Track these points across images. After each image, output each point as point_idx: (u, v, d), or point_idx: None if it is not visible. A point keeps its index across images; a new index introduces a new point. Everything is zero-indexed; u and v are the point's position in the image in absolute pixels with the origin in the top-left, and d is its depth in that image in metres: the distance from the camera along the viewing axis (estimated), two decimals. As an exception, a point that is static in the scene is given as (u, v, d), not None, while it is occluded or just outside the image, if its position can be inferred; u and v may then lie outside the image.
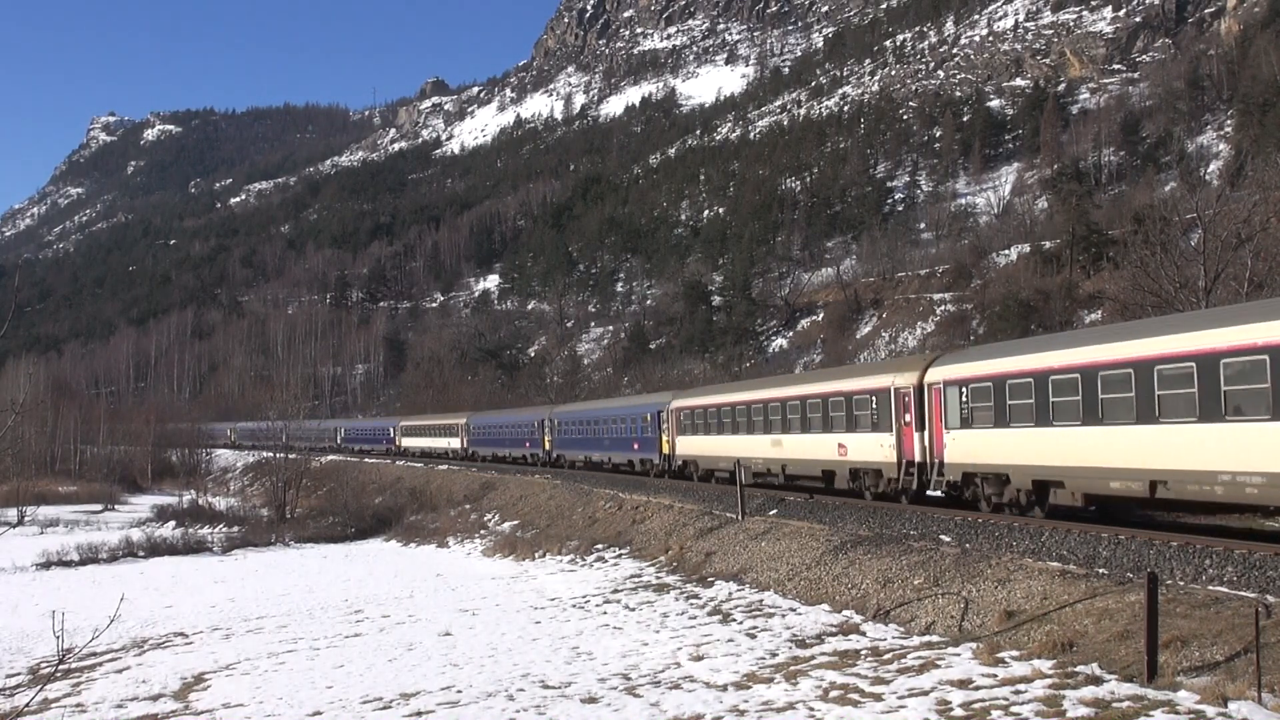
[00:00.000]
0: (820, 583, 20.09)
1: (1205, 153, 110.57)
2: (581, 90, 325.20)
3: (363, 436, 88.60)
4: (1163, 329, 17.71)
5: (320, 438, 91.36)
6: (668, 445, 40.08)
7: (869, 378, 26.63)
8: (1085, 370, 18.56)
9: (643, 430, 42.78)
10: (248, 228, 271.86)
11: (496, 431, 63.01)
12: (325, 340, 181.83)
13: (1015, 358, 21.11)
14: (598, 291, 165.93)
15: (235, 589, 33.67)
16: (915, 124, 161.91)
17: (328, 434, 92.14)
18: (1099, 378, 18.20)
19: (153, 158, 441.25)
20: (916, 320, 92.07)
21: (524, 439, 57.58)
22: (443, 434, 70.81)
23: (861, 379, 27.02)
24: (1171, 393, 16.58)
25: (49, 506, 65.75)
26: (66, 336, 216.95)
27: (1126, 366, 17.67)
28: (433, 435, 73.14)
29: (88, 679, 20.83)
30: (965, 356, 23.85)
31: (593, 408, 53.94)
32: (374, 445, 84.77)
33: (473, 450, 65.76)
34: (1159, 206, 50.26)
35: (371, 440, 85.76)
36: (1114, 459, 17.89)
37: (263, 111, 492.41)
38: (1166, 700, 10.98)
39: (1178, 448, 16.51)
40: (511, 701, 14.81)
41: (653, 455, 41.55)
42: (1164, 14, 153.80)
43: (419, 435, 75.96)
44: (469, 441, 66.43)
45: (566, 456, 52.53)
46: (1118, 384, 17.79)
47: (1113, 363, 18.05)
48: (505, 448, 60.89)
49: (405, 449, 77.79)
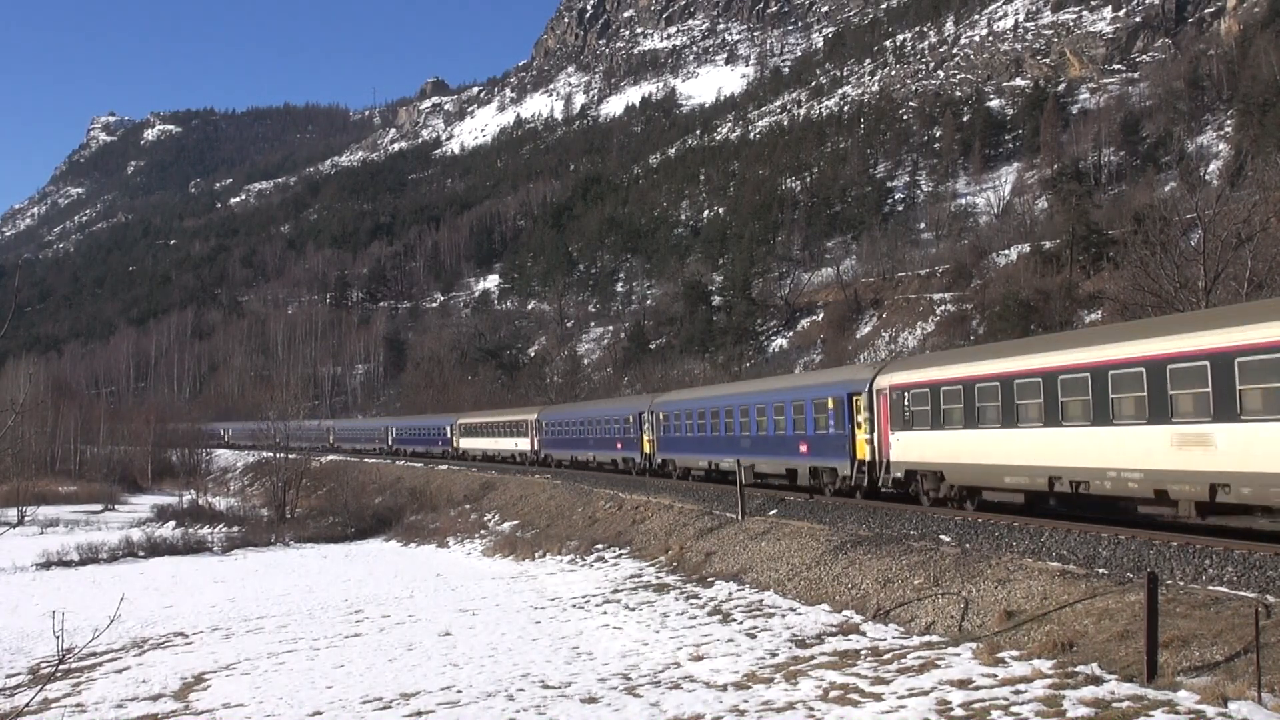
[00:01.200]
0: (820, 583, 20.10)
1: (1205, 153, 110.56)
2: (581, 90, 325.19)
3: (415, 437, 78.63)
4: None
5: (370, 438, 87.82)
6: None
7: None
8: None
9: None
10: (248, 228, 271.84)
11: (578, 429, 51.36)
12: (325, 340, 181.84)
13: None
14: (598, 291, 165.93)
15: (235, 589, 33.67)
16: (915, 124, 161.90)
17: (377, 434, 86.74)
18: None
19: (153, 158, 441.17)
20: (916, 320, 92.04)
21: (614, 437, 45.43)
22: (507, 433, 60.48)
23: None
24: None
25: (49, 506, 65.77)
26: (66, 336, 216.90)
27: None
28: (495, 435, 62.66)
29: (88, 679, 20.82)
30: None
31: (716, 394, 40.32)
32: (428, 447, 74.77)
33: (545, 454, 54.52)
34: (1159, 206, 50.28)
35: (425, 440, 75.87)
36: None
37: (263, 111, 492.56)
38: (1166, 700, 10.98)
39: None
40: (511, 701, 14.81)
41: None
42: (1164, 14, 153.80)
43: (480, 435, 65.49)
44: (541, 442, 55.30)
45: (679, 463, 39.55)
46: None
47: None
48: (588, 450, 49.11)
49: (465, 451, 67.55)
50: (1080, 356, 18.80)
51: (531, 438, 55.57)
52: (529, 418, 56.97)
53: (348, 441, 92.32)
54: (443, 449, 71.13)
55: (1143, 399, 17.22)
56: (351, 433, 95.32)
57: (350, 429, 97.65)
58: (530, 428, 55.89)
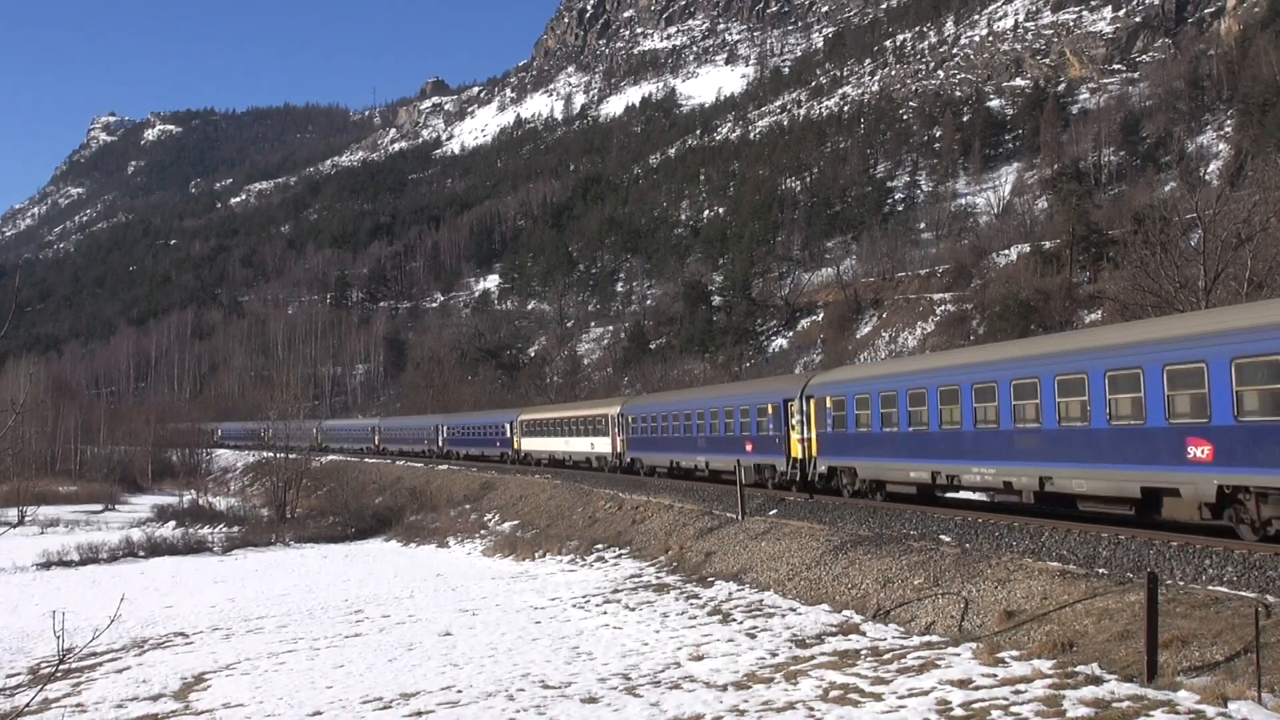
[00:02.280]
0: (820, 583, 20.10)
1: (1205, 153, 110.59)
2: (581, 90, 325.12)
3: (470, 436, 67.87)
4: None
5: (417, 438, 76.44)
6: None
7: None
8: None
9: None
10: (248, 228, 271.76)
11: (682, 426, 37.53)
12: (325, 340, 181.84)
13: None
14: (598, 291, 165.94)
15: (235, 589, 33.67)
16: (915, 124, 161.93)
17: (425, 434, 74.88)
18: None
19: (153, 158, 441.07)
20: (916, 320, 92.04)
21: (741, 438, 32.83)
22: (581, 430, 49.38)
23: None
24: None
25: (49, 506, 65.83)
26: (66, 336, 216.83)
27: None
28: (566, 433, 51.67)
29: (88, 679, 20.83)
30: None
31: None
32: (484, 449, 64.72)
33: (632, 458, 43.00)
34: (1159, 206, 50.30)
35: (482, 441, 65.51)
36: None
37: (263, 111, 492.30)
38: (1166, 700, 10.98)
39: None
40: (511, 701, 14.81)
41: None
42: (1164, 14, 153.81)
43: (546, 433, 54.70)
44: (628, 443, 43.58)
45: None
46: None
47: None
48: (698, 453, 36.11)
49: (528, 454, 57.01)
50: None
51: (613, 437, 45.18)
52: (609, 412, 45.98)
53: (393, 442, 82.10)
54: (501, 451, 60.73)
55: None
56: (397, 432, 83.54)
57: (395, 428, 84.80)
58: (611, 425, 45.51)
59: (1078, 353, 18.84)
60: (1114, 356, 17.69)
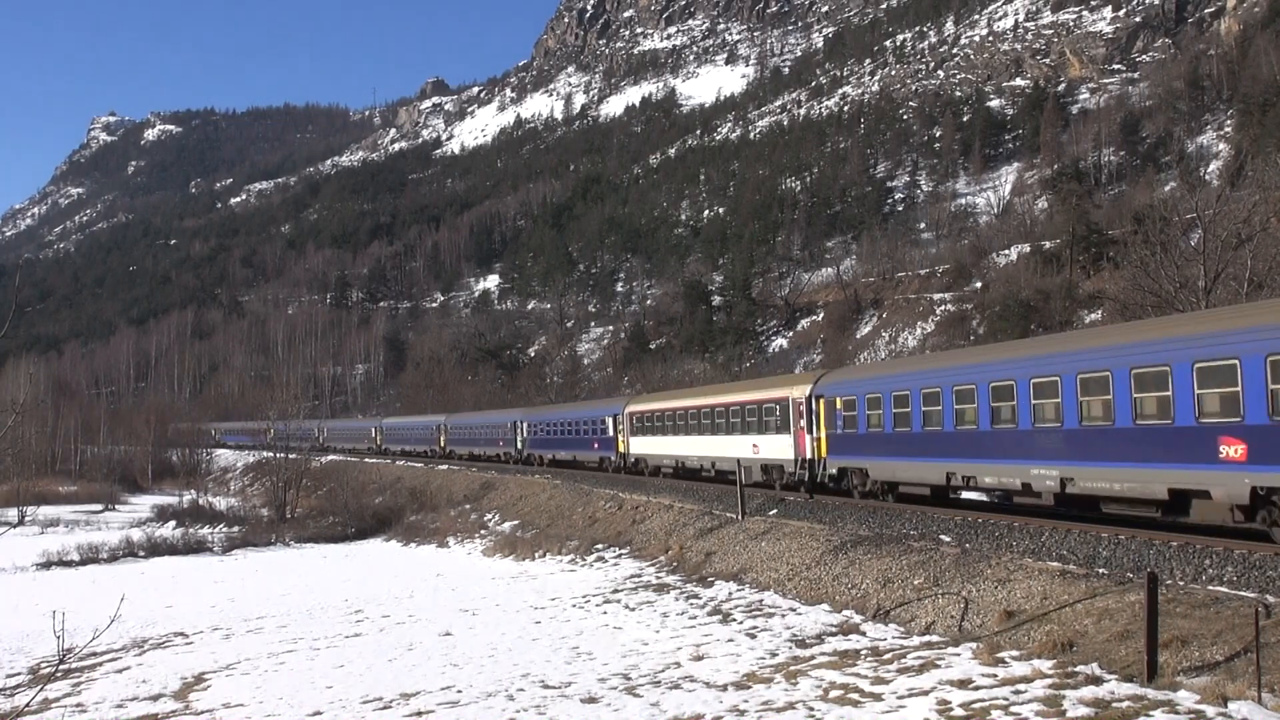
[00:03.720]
0: (820, 583, 20.10)
1: (1205, 153, 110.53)
2: (581, 90, 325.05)
3: (559, 436, 53.73)
4: None
5: (492, 438, 63.12)
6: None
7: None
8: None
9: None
10: (248, 228, 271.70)
11: None
12: (325, 340, 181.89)
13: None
14: (598, 291, 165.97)
15: (235, 589, 33.67)
16: (915, 124, 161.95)
17: (501, 434, 61.21)
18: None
19: (153, 158, 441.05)
20: (917, 320, 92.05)
21: None
22: (740, 426, 33.47)
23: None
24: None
25: (49, 506, 65.80)
26: (66, 336, 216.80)
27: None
28: (707, 429, 35.83)
29: (88, 679, 20.82)
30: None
31: None
32: (577, 451, 50.94)
33: (839, 468, 27.62)
34: (1159, 206, 50.23)
35: (574, 442, 51.20)
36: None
37: (263, 111, 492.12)
38: (1166, 700, 10.97)
39: None
40: (511, 701, 14.80)
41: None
42: (1164, 14, 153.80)
43: (669, 430, 39.56)
44: (833, 443, 28.09)
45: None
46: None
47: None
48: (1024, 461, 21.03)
49: (640, 460, 42.83)
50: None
51: (794, 434, 29.72)
52: (792, 393, 30.16)
53: (463, 444, 69.66)
54: (601, 456, 47.18)
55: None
56: (467, 431, 70.12)
57: (465, 425, 71.44)
58: (791, 412, 29.86)
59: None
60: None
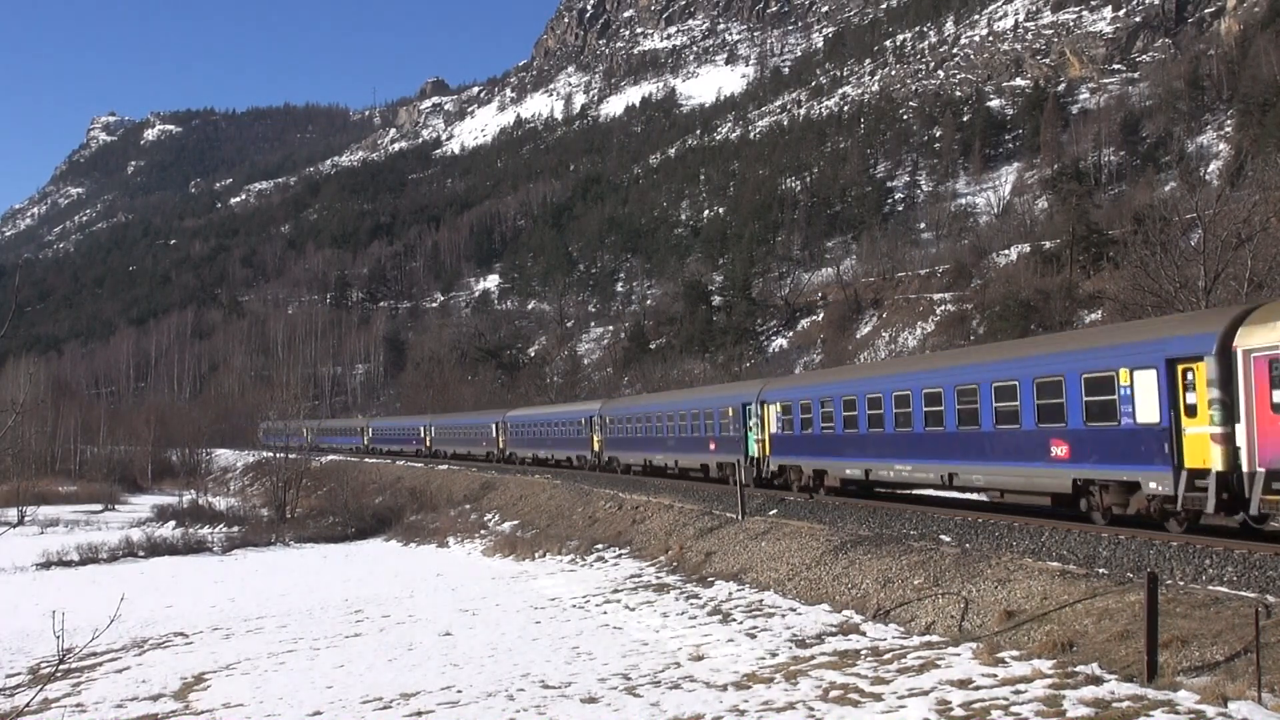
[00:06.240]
0: (820, 583, 20.09)
1: (1205, 153, 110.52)
2: (581, 90, 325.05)
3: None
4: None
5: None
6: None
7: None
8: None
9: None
10: (248, 228, 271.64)
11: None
12: (325, 340, 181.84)
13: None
14: (598, 291, 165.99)
15: (235, 589, 33.65)
16: (915, 124, 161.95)
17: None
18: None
19: (153, 158, 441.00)
20: (917, 320, 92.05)
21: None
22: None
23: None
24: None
25: (49, 506, 65.74)
26: (66, 336, 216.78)
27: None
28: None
29: (88, 679, 20.82)
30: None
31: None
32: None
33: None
34: (1159, 206, 50.26)
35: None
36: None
37: (263, 111, 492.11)
38: (1166, 700, 10.97)
39: None
40: (511, 701, 14.80)
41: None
42: (1164, 14, 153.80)
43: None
44: None
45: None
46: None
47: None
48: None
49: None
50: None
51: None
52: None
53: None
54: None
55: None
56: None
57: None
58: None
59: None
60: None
